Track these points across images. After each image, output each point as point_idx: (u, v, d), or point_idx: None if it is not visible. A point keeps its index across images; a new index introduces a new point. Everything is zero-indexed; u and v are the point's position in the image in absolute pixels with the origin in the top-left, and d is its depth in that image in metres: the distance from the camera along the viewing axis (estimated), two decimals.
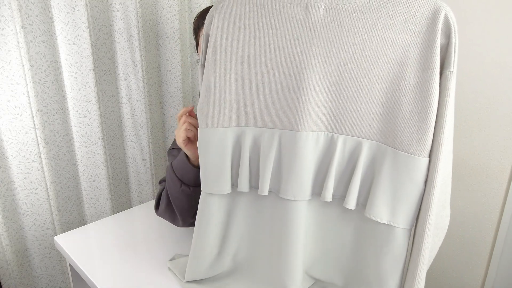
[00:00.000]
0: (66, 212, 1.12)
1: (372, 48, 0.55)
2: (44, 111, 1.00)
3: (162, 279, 0.75)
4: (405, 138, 0.55)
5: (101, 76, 1.11)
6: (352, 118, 0.59)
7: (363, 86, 0.57)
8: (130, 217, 1.02)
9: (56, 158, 1.06)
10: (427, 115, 0.53)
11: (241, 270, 0.73)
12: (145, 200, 1.31)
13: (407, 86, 0.55)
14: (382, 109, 0.57)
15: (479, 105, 1.03)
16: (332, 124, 0.60)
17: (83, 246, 0.87)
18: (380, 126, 0.58)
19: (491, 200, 1.05)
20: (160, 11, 1.22)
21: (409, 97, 0.55)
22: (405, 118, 0.55)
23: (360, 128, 0.59)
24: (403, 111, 0.55)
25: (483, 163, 1.05)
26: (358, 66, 0.56)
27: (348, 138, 0.60)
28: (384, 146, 0.58)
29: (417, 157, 0.55)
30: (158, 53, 1.27)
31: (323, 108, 0.59)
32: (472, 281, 1.14)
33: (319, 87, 0.58)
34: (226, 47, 0.62)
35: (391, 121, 0.57)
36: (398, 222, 0.58)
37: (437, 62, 0.53)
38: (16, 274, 1.05)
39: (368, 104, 0.57)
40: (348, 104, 0.58)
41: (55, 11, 0.96)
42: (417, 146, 0.55)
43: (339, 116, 0.59)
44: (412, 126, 0.55)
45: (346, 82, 0.57)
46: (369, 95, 0.57)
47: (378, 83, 0.56)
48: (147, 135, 1.25)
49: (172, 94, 1.32)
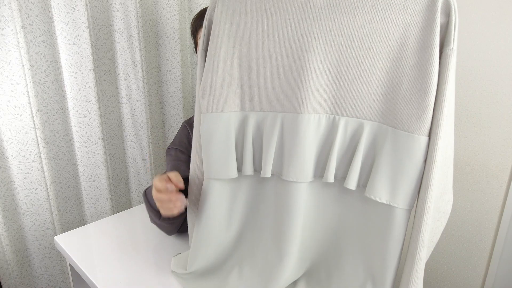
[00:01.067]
0: (66, 212, 1.12)
1: (373, 29, 0.56)
2: (44, 111, 1.00)
3: (162, 279, 0.75)
4: (405, 117, 0.56)
5: (101, 76, 1.11)
6: (354, 99, 0.59)
7: (364, 67, 0.57)
8: (130, 217, 1.02)
9: (56, 158, 1.06)
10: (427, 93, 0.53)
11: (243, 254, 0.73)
12: None
13: (407, 66, 0.55)
14: (382, 90, 0.58)
15: (479, 105, 1.03)
16: (333, 106, 0.60)
17: (83, 246, 0.87)
18: (381, 106, 0.58)
19: (491, 200, 1.05)
20: (160, 11, 1.23)
21: (409, 76, 0.55)
22: (405, 97, 0.55)
23: (361, 109, 0.59)
24: (403, 90, 0.56)
25: (483, 163, 1.05)
26: (359, 47, 0.57)
27: (350, 119, 0.60)
28: (385, 126, 0.58)
29: (416, 136, 0.55)
30: (158, 53, 1.27)
31: (325, 90, 0.60)
32: (472, 281, 1.14)
33: (320, 70, 0.59)
34: (229, 32, 0.63)
35: (392, 101, 0.57)
36: (397, 202, 0.58)
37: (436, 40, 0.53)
38: (16, 274, 1.05)
39: (368, 85, 0.58)
40: (349, 86, 0.59)
41: (55, 11, 0.96)
42: (417, 125, 0.55)
43: (340, 98, 0.60)
44: (411, 104, 0.55)
45: (346, 63, 0.58)
46: (370, 76, 0.57)
47: (379, 63, 0.56)
48: (147, 135, 1.25)
49: (172, 94, 1.32)
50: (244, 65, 0.64)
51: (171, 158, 0.96)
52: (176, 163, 0.95)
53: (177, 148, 0.96)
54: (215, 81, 0.64)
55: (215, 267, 0.73)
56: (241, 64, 0.64)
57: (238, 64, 0.64)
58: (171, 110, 1.35)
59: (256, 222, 0.71)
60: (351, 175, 0.61)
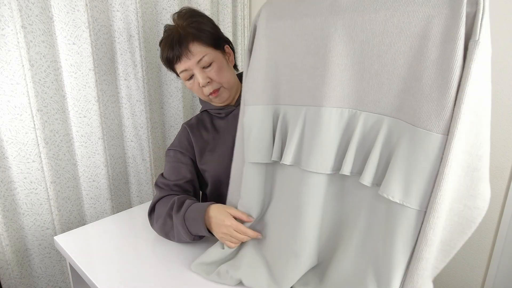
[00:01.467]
0: (66, 212, 1.12)
1: (394, 23, 0.56)
2: (44, 111, 1.00)
3: (162, 278, 0.75)
4: (424, 113, 0.53)
5: (101, 76, 1.11)
6: (375, 95, 0.60)
7: (385, 62, 0.58)
8: (130, 217, 1.02)
9: (56, 158, 1.06)
10: (447, 89, 0.51)
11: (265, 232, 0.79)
12: (145, 200, 1.31)
13: (428, 60, 0.53)
14: (403, 85, 0.57)
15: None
16: (355, 101, 0.62)
17: (83, 246, 0.87)
18: (401, 102, 0.58)
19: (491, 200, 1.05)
20: (160, 11, 1.23)
21: (430, 71, 0.53)
22: (424, 93, 0.53)
23: (382, 105, 0.60)
24: (423, 86, 0.53)
25: None
26: (380, 42, 0.57)
27: (370, 115, 0.61)
28: (403, 123, 0.57)
29: (434, 134, 0.53)
30: (158, 53, 1.27)
31: (347, 85, 0.62)
32: (472, 281, 1.14)
33: (343, 65, 0.61)
34: (269, 35, 0.71)
35: (412, 97, 0.55)
36: (410, 202, 0.57)
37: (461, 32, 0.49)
38: (16, 274, 1.05)
39: (390, 80, 0.58)
40: (371, 81, 0.60)
41: (55, 11, 0.96)
42: (435, 122, 0.52)
43: (362, 94, 0.61)
44: (431, 101, 0.53)
45: (368, 59, 0.59)
46: (391, 71, 0.57)
47: (400, 58, 0.56)
48: (147, 135, 1.25)
49: (172, 94, 1.32)
50: (280, 64, 0.70)
51: (170, 159, 0.96)
52: (176, 165, 0.94)
53: (177, 149, 0.96)
54: (257, 77, 0.73)
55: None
56: (277, 62, 0.70)
57: (275, 63, 0.71)
58: (171, 110, 1.35)
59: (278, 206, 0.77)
60: (367, 170, 0.62)
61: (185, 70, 0.89)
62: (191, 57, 0.86)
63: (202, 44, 0.87)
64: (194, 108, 1.46)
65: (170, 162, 0.95)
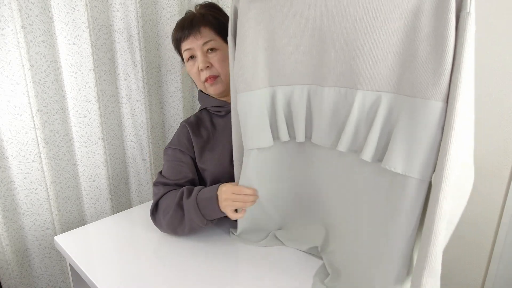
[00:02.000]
0: (66, 212, 1.12)
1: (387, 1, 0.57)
2: (44, 111, 1.00)
3: (162, 278, 0.75)
4: (421, 84, 0.55)
5: (101, 76, 1.11)
6: (370, 72, 0.61)
7: (379, 39, 0.58)
8: (130, 217, 1.02)
9: (56, 158, 1.06)
10: (443, 58, 0.52)
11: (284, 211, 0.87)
12: (145, 200, 1.31)
13: (423, 33, 0.54)
14: (399, 60, 0.58)
15: (479, 105, 1.03)
16: (351, 80, 0.63)
17: (83, 246, 0.87)
18: (398, 77, 0.59)
19: (491, 200, 1.05)
20: (160, 11, 1.22)
21: (425, 44, 0.54)
22: (421, 64, 0.55)
23: (378, 81, 0.61)
24: (419, 58, 0.55)
25: (483, 163, 1.05)
26: (374, 19, 0.58)
27: (367, 93, 0.62)
28: (402, 96, 0.59)
29: (433, 101, 0.54)
30: (158, 53, 1.27)
31: (342, 64, 0.63)
32: (472, 281, 1.14)
33: (338, 45, 0.62)
34: (253, 17, 0.69)
35: (408, 71, 0.57)
36: (413, 172, 0.57)
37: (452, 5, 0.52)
38: (16, 274, 1.05)
39: (384, 57, 0.59)
40: (365, 59, 0.60)
41: (55, 11, 0.96)
42: (433, 90, 0.54)
43: (357, 72, 0.62)
44: (428, 71, 0.54)
45: (362, 37, 0.59)
46: (386, 47, 0.58)
47: (394, 35, 0.57)
48: (147, 135, 1.25)
49: (172, 94, 1.32)
50: (269, 45, 0.70)
51: (168, 158, 0.94)
52: (175, 164, 0.93)
53: (176, 148, 0.94)
54: (245, 63, 0.72)
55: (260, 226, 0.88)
56: (266, 45, 0.70)
57: (264, 45, 0.70)
58: (171, 110, 1.35)
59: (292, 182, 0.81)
60: (367, 146, 0.63)
61: (189, 49, 0.92)
62: (199, 38, 0.89)
63: (213, 30, 0.91)
64: (194, 108, 1.46)
65: (169, 161, 0.94)
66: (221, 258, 0.82)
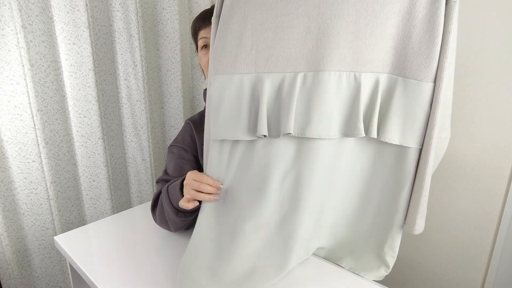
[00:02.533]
0: (66, 212, 1.12)
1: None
2: (44, 111, 1.00)
3: (162, 279, 0.75)
4: (414, 66, 0.61)
5: (101, 76, 1.11)
6: (370, 54, 0.62)
7: (379, 21, 0.60)
8: (130, 217, 1.02)
9: (56, 158, 1.06)
10: (434, 43, 0.58)
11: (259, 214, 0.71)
12: (145, 200, 1.31)
13: (416, 19, 0.59)
14: (394, 43, 0.62)
15: (479, 105, 1.03)
16: (353, 63, 0.62)
17: (83, 246, 0.87)
18: (392, 59, 0.63)
19: (491, 200, 1.05)
20: (160, 11, 1.23)
21: (418, 29, 0.59)
22: (414, 48, 0.60)
23: (376, 63, 0.63)
24: (412, 42, 0.60)
25: (483, 163, 1.05)
26: (374, 2, 0.59)
27: (368, 74, 0.63)
28: (395, 76, 0.63)
29: (424, 83, 0.61)
30: (158, 53, 1.27)
31: (344, 47, 0.61)
32: (472, 281, 1.14)
33: (338, 27, 0.60)
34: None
35: (402, 53, 0.62)
36: (408, 142, 0.65)
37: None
38: (16, 274, 1.05)
39: (382, 39, 0.61)
40: (366, 41, 0.61)
41: (55, 11, 0.96)
42: (425, 73, 0.60)
43: (359, 54, 0.62)
44: (420, 55, 0.60)
45: (364, 18, 0.60)
46: (384, 30, 0.61)
47: (392, 17, 0.60)
48: (147, 135, 1.25)
49: (172, 94, 1.32)
50: (260, 26, 0.63)
51: (174, 156, 0.94)
52: (179, 162, 0.93)
53: (180, 146, 0.94)
54: (227, 43, 0.63)
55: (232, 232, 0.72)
56: (256, 24, 0.63)
57: (253, 25, 0.63)
58: (171, 110, 1.35)
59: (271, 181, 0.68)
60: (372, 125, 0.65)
61: (205, 38, 0.89)
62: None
63: None
64: (194, 108, 1.46)
65: (174, 159, 0.94)
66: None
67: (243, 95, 0.65)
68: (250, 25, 0.63)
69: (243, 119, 0.65)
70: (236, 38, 0.63)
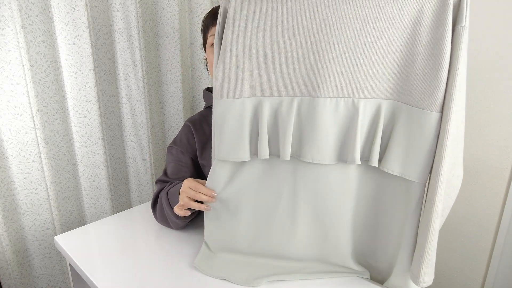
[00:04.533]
0: (66, 212, 1.12)
1: (387, 10, 0.57)
2: (44, 111, 1.00)
3: (163, 278, 0.75)
4: (418, 94, 0.58)
5: (101, 76, 1.11)
6: (370, 81, 0.61)
7: (379, 48, 0.59)
8: (130, 217, 1.02)
9: (56, 158, 1.06)
10: (439, 70, 0.56)
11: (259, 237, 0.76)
12: (145, 200, 1.31)
13: (420, 44, 0.57)
14: (397, 69, 0.60)
15: (479, 105, 1.03)
16: (351, 89, 0.62)
17: (83, 246, 0.87)
18: (396, 85, 0.61)
19: (491, 200, 1.05)
20: (160, 11, 1.23)
21: (423, 55, 0.57)
22: (418, 74, 0.58)
23: (378, 89, 0.61)
24: (416, 68, 0.58)
25: (483, 163, 1.05)
26: (374, 28, 0.58)
27: (368, 101, 0.62)
28: (399, 103, 0.61)
29: (428, 112, 0.58)
30: (158, 53, 1.27)
31: (341, 73, 0.61)
32: (472, 281, 1.14)
33: (336, 53, 0.60)
34: (244, 19, 0.64)
35: (406, 79, 0.60)
36: (409, 174, 0.61)
37: (449, 18, 0.54)
38: (16, 274, 1.05)
39: (384, 65, 0.60)
40: (365, 67, 0.60)
41: (55, 11, 0.96)
42: (429, 101, 0.57)
43: (357, 80, 0.61)
44: (424, 82, 0.57)
45: (362, 45, 0.59)
46: (385, 56, 0.59)
47: (394, 43, 0.58)
48: (147, 135, 1.25)
49: (172, 94, 1.32)
50: (259, 51, 0.64)
51: (172, 157, 0.97)
52: (177, 165, 0.95)
53: (178, 148, 0.96)
54: (228, 67, 0.65)
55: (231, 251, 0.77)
56: (256, 49, 0.64)
57: (253, 50, 0.64)
58: (171, 110, 1.35)
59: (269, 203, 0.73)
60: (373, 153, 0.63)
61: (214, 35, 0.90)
62: None
63: None
64: (194, 108, 1.46)
65: (173, 161, 0.96)
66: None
67: (244, 117, 0.67)
68: (250, 50, 0.65)
69: (245, 141, 0.68)
70: (236, 63, 0.65)
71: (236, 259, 0.77)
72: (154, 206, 0.94)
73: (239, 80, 0.66)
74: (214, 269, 0.75)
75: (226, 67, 0.66)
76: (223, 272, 0.74)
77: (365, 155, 0.66)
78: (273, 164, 0.70)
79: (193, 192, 0.73)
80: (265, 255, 0.76)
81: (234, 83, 0.66)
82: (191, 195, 0.74)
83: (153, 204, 0.94)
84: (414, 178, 0.61)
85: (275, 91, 0.65)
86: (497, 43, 0.96)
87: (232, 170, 0.72)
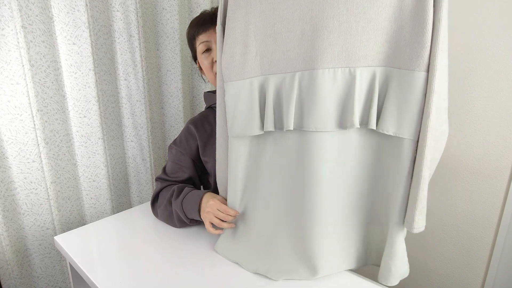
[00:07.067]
0: (66, 212, 1.12)
1: None
2: (44, 111, 1.00)
3: (163, 278, 0.75)
4: (407, 57, 0.63)
5: (101, 76, 1.11)
6: (364, 50, 0.65)
7: (370, 17, 0.63)
8: (130, 217, 1.02)
9: (56, 158, 1.06)
10: (424, 32, 0.60)
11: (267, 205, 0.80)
12: (145, 200, 1.31)
13: (407, 11, 0.62)
14: (387, 36, 0.64)
15: (479, 105, 1.03)
16: (347, 59, 0.66)
17: (83, 246, 0.87)
18: (386, 52, 0.65)
19: (491, 200, 1.05)
20: (160, 11, 1.23)
21: (409, 20, 0.62)
22: (406, 39, 0.63)
23: (371, 57, 0.66)
24: (404, 33, 0.63)
25: (483, 163, 1.05)
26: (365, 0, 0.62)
27: (364, 69, 0.66)
28: (391, 68, 0.66)
29: (416, 72, 0.62)
30: (158, 53, 1.27)
31: (337, 45, 0.65)
32: (472, 281, 1.14)
33: (331, 27, 0.65)
34: (244, 5, 0.70)
35: (395, 45, 0.64)
36: (403, 133, 0.66)
37: None
38: (16, 274, 1.05)
39: (375, 33, 0.64)
40: (358, 37, 0.64)
41: (55, 11, 0.96)
42: (416, 62, 0.62)
43: (352, 50, 0.65)
44: (412, 45, 0.62)
45: (354, 17, 0.63)
46: (376, 24, 0.64)
47: (383, 12, 0.63)
48: (147, 135, 1.25)
49: (172, 94, 1.32)
50: (261, 33, 0.70)
51: (172, 157, 0.99)
52: (175, 165, 0.98)
53: (178, 148, 0.98)
54: (234, 51, 0.71)
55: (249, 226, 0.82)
56: (257, 32, 0.70)
57: (255, 33, 0.70)
58: (171, 110, 1.35)
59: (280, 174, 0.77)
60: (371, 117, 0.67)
61: (206, 42, 0.92)
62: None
63: None
64: (194, 108, 1.47)
65: (172, 161, 0.99)
66: (222, 258, 0.82)
67: (253, 95, 0.72)
68: (253, 33, 0.70)
69: (256, 116, 0.73)
70: (242, 47, 0.71)
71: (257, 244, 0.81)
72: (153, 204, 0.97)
73: (245, 62, 0.71)
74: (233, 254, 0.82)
75: (232, 51, 0.71)
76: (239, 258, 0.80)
77: (364, 121, 0.69)
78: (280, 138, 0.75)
79: (222, 215, 0.80)
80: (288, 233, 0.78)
81: (242, 66, 0.71)
82: (222, 217, 0.81)
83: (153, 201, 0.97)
84: (407, 135, 0.65)
85: (278, 68, 0.70)
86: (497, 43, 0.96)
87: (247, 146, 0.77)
